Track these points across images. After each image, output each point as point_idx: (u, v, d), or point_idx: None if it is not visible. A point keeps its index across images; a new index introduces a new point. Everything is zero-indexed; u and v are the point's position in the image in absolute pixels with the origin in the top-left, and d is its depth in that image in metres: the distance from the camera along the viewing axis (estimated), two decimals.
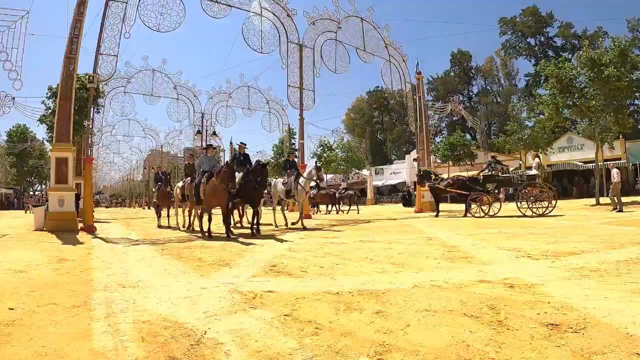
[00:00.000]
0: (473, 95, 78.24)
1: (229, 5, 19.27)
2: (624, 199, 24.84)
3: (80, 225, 13.54)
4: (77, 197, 15.42)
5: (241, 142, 14.30)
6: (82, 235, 11.80)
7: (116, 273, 5.87)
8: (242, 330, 3.22)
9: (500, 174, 17.17)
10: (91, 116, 18.20)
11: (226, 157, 44.40)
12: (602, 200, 23.61)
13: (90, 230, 13.03)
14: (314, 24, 21.97)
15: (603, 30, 58.48)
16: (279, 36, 20.95)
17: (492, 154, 26.97)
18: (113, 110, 31.08)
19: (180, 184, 14.28)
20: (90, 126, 18.39)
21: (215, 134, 34.24)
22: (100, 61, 14.99)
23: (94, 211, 16.22)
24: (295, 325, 3.33)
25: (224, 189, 10.55)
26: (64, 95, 13.74)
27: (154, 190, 17.48)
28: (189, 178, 13.29)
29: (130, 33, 15.92)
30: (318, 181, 14.90)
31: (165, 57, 47.96)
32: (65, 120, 13.70)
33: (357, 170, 50.44)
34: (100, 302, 4.17)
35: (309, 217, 16.63)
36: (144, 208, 56.85)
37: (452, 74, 76.72)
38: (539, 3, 69.36)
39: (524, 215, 15.39)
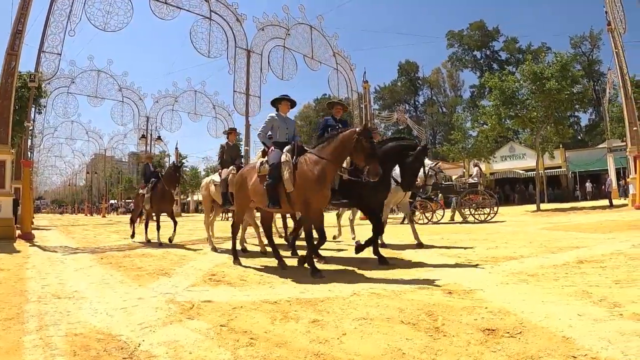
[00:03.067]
0: (419, 105, 79.81)
1: (178, 7, 19.08)
2: (564, 205, 25.87)
3: (18, 232, 13.02)
4: (16, 202, 14.83)
5: (340, 101, 8.91)
6: (19, 243, 11.37)
7: (52, 283, 5.71)
8: (177, 342, 3.18)
9: (443, 182, 17.52)
10: (32, 117, 17.62)
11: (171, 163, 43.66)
12: (543, 206, 24.42)
13: (29, 237, 12.49)
14: (263, 29, 21.96)
15: (547, 46, 60.87)
16: (227, 41, 20.84)
17: (436, 162, 27.62)
18: (55, 111, 30.23)
19: (216, 177, 9.71)
20: (31, 127, 17.78)
21: (160, 139, 33.68)
22: (43, 59, 14.59)
23: (33, 217, 15.62)
24: (231, 336, 3.31)
25: (330, 180, 6.28)
26: (3, 94, 13.11)
27: (141, 190, 12.69)
28: (232, 167, 8.96)
29: (75, 31, 15.57)
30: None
31: (112, 58, 46.79)
32: (4, 121, 13.11)
33: None
34: (33, 314, 4.05)
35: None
36: (86, 215, 55.16)
37: (399, 83, 77.98)
38: (486, 18, 71.80)
39: (466, 222, 15.77)
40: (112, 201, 59.70)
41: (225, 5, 20.86)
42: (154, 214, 12.07)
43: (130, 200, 53.69)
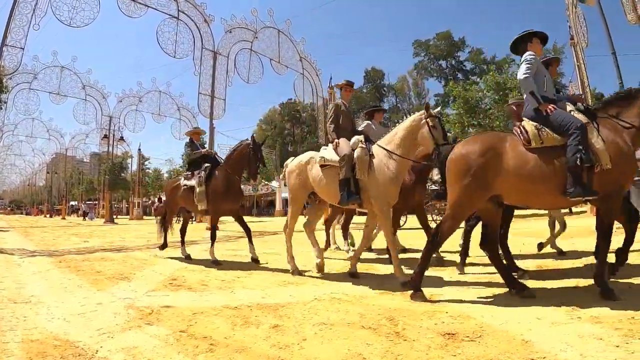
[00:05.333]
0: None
1: (146, 6, 18.88)
2: (525, 211, 26.34)
3: None
4: None
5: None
6: None
7: (8, 287, 5.56)
8: (136, 348, 3.15)
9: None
10: None
11: (134, 165, 42.93)
12: None
13: None
14: (230, 32, 21.87)
15: (510, 58, 61.94)
16: (194, 42, 20.70)
17: None
18: (16, 107, 29.28)
19: (327, 153, 6.14)
20: None
21: (123, 139, 33.18)
22: (5, 53, 14.19)
23: None
24: (191, 341, 3.29)
25: None
26: None
27: (184, 181, 8.33)
28: (359, 138, 5.95)
29: (40, 25, 15.26)
30: None
31: (76, 54, 45.74)
32: None
33: (266, 182, 49.94)
34: None
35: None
36: (45, 216, 53.85)
37: (364, 90, 78.39)
38: (453, 29, 72.82)
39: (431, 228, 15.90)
40: (72, 202, 58.37)
41: (194, 6, 20.73)
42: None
43: (91, 202, 52.69)
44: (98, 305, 4.47)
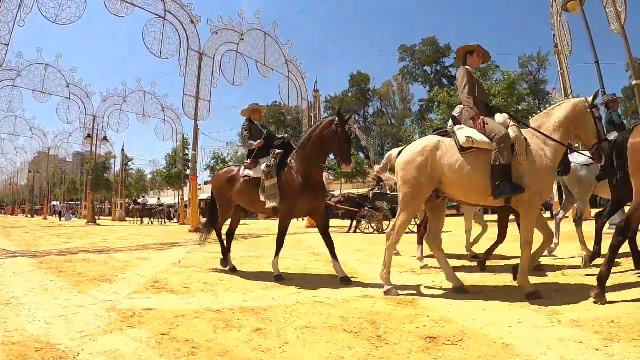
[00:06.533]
0: (369, 116, 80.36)
1: (133, 5, 18.75)
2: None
3: None
4: None
5: None
6: None
7: None
8: (117, 351, 3.13)
9: (389, 192, 17.74)
10: None
11: (117, 165, 42.56)
12: (486, 217, 25.00)
13: None
14: (216, 33, 21.76)
15: (495, 65, 62.71)
16: (180, 42, 20.57)
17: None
18: None
19: (470, 132, 4.85)
20: None
21: (106, 139, 32.92)
22: None
23: None
24: (172, 345, 3.28)
25: None
26: None
27: (245, 170, 6.65)
28: (504, 115, 5.12)
29: (25, 21, 15.12)
30: None
31: (61, 52, 45.08)
32: None
33: None
34: None
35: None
36: (26, 216, 53.20)
37: (349, 94, 78.54)
38: (438, 35, 73.34)
39: (411, 232, 16.01)
40: (54, 202, 57.56)
41: (181, 6, 20.60)
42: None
43: (73, 202, 52.05)
44: (80, 308, 4.44)
